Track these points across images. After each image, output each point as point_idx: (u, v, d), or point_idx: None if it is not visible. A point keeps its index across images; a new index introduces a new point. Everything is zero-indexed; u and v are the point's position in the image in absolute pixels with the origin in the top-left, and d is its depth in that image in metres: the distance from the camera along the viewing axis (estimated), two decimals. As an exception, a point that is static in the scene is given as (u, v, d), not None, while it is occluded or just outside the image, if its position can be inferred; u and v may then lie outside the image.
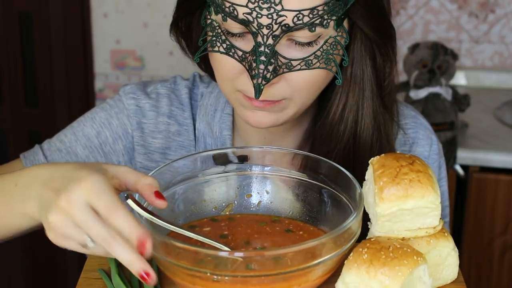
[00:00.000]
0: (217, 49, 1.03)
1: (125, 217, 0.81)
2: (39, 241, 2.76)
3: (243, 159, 1.02)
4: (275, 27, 0.98)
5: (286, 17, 0.98)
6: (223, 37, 1.02)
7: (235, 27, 1.01)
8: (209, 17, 1.04)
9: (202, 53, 1.06)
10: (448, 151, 2.15)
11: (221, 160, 1.02)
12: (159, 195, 0.86)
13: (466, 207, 2.25)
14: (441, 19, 2.64)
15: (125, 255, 0.80)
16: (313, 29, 0.99)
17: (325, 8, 0.99)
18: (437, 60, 2.27)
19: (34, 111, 2.74)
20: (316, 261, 0.83)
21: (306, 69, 1.01)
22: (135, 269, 0.80)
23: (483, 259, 2.27)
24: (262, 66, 0.99)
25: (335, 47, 1.02)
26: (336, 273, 0.88)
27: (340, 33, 1.02)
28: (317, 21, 0.99)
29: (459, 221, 2.27)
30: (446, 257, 0.93)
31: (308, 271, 0.83)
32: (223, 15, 1.00)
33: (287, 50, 1.01)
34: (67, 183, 0.82)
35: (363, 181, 0.95)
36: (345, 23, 1.03)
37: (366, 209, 0.92)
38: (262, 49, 0.99)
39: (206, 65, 1.15)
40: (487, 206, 2.22)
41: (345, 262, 0.87)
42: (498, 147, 2.21)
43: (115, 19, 2.62)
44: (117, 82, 2.67)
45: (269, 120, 1.06)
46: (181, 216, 0.99)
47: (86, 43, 2.65)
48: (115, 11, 2.61)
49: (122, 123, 1.19)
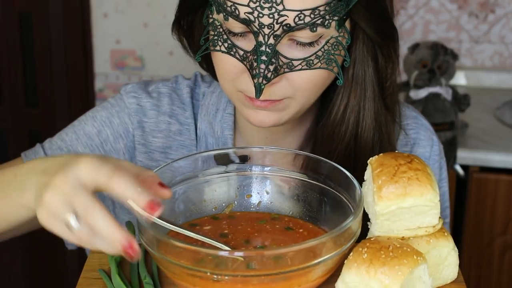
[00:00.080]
0: (218, 48, 1.03)
1: (126, 184, 0.81)
2: (39, 240, 2.77)
3: (244, 159, 1.02)
4: (276, 26, 0.98)
5: (287, 17, 0.98)
6: (225, 37, 1.02)
7: (236, 26, 1.01)
8: (211, 16, 1.04)
9: (203, 52, 1.06)
10: (448, 151, 2.15)
11: (222, 160, 1.02)
12: (162, 185, 0.87)
13: (466, 207, 2.24)
14: (441, 19, 2.64)
15: (107, 228, 0.80)
16: (315, 29, 0.99)
17: (327, 8, 0.99)
18: (437, 60, 2.27)
19: (34, 111, 2.74)
20: (316, 261, 0.83)
21: (307, 69, 1.01)
22: (118, 240, 0.80)
23: (483, 259, 2.27)
24: (263, 65, 0.99)
25: (336, 47, 1.02)
26: (336, 273, 0.88)
27: (341, 34, 1.02)
28: (319, 21, 0.99)
29: (459, 221, 2.27)
30: (446, 257, 0.93)
31: (308, 271, 0.83)
32: (224, 14, 1.00)
33: (288, 50, 1.01)
34: (66, 165, 0.83)
35: (363, 182, 0.95)
36: (347, 24, 1.03)
37: (365, 209, 0.92)
38: (263, 48, 0.99)
39: (207, 65, 1.15)
40: (487, 206, 2.22)
41: (345, 261, 0.87)
42: (498, 147, 2.21)
43: (115, 19, 2.62)
44: (117, 82, 2.66)
45: (271, 119, 1.06)
46: (181, 216, 0.99)
47: (86, 43, 2.65)
48: (115, 11, 2.61)
49: (123, 122, 1.19)
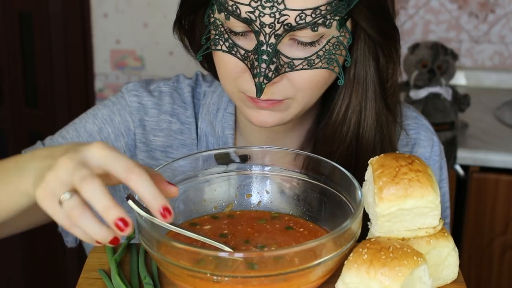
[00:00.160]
0: (219, 47, 1.03)
1: (145, 181, 0.80)
2: (39, 240, 2.77)
3: (245, 159, 1.02)
4: (278, 26, 0.98)
5: (288, 16, 0.98)
6: (226, 36, 1.02)
7: (237, 25, 1.01)
8: (212, 15, 1.04)
9: (204, 52, 1.06)
10: (448, 151, 2.15)
11: (222, 159, 1.02)
12: (169, 183, 0.86)
13: (466, 207, 2.24)
14: (441, 19, 2.64)
15: (103, 202, 0.78)
16: (316, 28, 0.99)
17: (328, 8, 0.99)
18: (437, 60, 2.27)
19: (34, 111, 2.73)
20: (316, 262, 0.83)
21: (308, 68, 1.01)
22: (111, 214, 0.78)
23: (483, 259, 2.27)
24: (264, 65, 0.99)
25: (337, 47, 1.02)
26: (336, 273, 0.88)
27: (343, 33, 1.02)
28: (320, 21, 0.99)
29: (459, 221, 2.27)
30: (446, 257, 0.92)
31: (308, 272, 0.83)
32: (226, 13, 1.00)
33: (289, 49, 1.01)
34: (73, 148, 0.81)
35: (364, 182, 0.95)
36: (348, 24, 1.03)
37: (366, 210, 0.92)
38: (264, 48, 0.99)
39: (209, 64, 1.15)
40: (487, 206, 2.22)
41: (345, 262, 0.87)
42: (498, 147, 2.21)
43: (115, 19, 2.62)
44: (117, 82, 2.66)
45: (273, 119, 1.06)
46: (181, 216, 0.99)
47: (86, 43, 2.65)
48: (115, 11, 2.61)
49: (124, 120, 1.19)
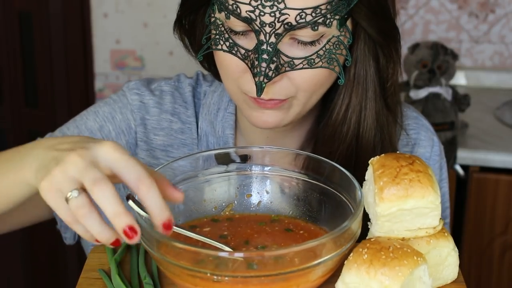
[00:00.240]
0: (220, 47, 1.03)
1: (154, 193, 0.79)
2: (39, 240, 2.77)
3: (245, 159, 1.02)
4: (278, 25, 0.98)
5: (288, 15, 0.98)
6: (226, 36, 1.02)
7: (238, 25, 1.01)
8: (213, 15, 1.04)
9: (205, 52, 1.06)
10: (448, 151, 2.15)
11: (222, 159, 1.02)
12: (175, 187, 0.85)
13: (466, 207, 2.24)
14: (441, 19, 2.64)
15: (109, 203, 0.77)
16: (316, 28, 0.99)
17: (328, 7, 0.99)
18: (437, 60, 2.27)
19: (34, 111, 2.73)
20: (316, 261, 0.83)
21: (308, 68, 1.01)
22: (120, 221, 0.77)
23: (483, 259, 2.27)
24: (264, 64, 0.99)
25: (338, 46, 1.02)
26: (336, 273, 0.88)
27: (343, 33, 1.02)
28: (320, 20, 0.99)
29: (459, 221, 2.27)
30: (446, 257, 0.92)
31: (308, 271, 0.83)
32: (226, 13, 1.00)
33: (290, 48, 1.01)
34: (83, 144, 0.80)
35: (364, 182, 0.95)
36: (349, 23, 1.03)
37: (366, 209, 0.92)
38: (264, 47, 0.99)
39: (209, 64, 1.15)
40: (487, 206, 2.22)
41: (345, 262, 0.87)
42: (498, 147, 2.21)
43: (115, 19, 2.61)
44: (117, 82, 2.66)
45: (274, 119, 1.06)
46: (181, 216, 0.99)
47: (86, 43, 2.65)
48: (115, 11, 2.61)
49: (125, 118, 1.19)
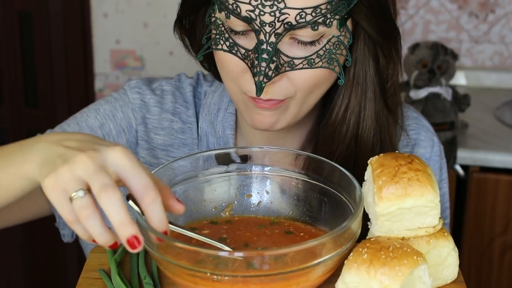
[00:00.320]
0: (220, 47, 1.03)
1: (158, 204, 0.79)
2: (39, 240, 2.77)
3: (245, 159, 1.02)
4: (278, 25, 0.98)
5: (288, 15, 0.98)
6: (226, 35, 1.02)
7: (238, 24, 1.01)
8: (213, 15, 1.04)
9: (205, 51, 1.06)
10: (448, 151, 2.15)
11: (222, 159, 1.01)
12: (178, 200, 0.85)
13: (466, 207, 2.24)
14: (441, 19, 2.64)
15: (116, 212, 0.76)
16: (316, 27, 0.99)
17: (328, 7, 0.99)
18: (437, 60, 2.27)
19: (34, 111, 2.73)
20: (316, 261, 0.83)
21: (308, 68, 1.01)
22: (125, 230, 0.77)
23: (483, 259, 2.27)
24: (264, 63, 0.99)
25: (338, 46, 1.02)
26: (336, 273, 0.88)
27: (343, 33, 1.02)
28: (320, 20, 0.99)
29: (459, 221, 2.27)
30: (446, 257, 0.92)
31: (308, 271, 0.83)
32: (226, 12, 1.00)
33: (290, 48, 1.01)
34: (94, 145, 0.80)
35: (363, 182, 0.95)
36: (349, 23, 1.03)
37: (365, 209, 0.92)
38: (264, 47, 0.99)
39: (209, 64, 1.15)
40: (487, 206, 2.22)
41: (345, 262, 0.87)
42: (498, 147, 2.21)
43: (115, 19, 2.61)
44: (117, 82, 2.66)
45: (271, 120, 1.05)
46: (181, 216, 0.99)
47: (86, 43, 2.65)
48: (115, 11, 2.61)
49: (126, 117, 1.19)
